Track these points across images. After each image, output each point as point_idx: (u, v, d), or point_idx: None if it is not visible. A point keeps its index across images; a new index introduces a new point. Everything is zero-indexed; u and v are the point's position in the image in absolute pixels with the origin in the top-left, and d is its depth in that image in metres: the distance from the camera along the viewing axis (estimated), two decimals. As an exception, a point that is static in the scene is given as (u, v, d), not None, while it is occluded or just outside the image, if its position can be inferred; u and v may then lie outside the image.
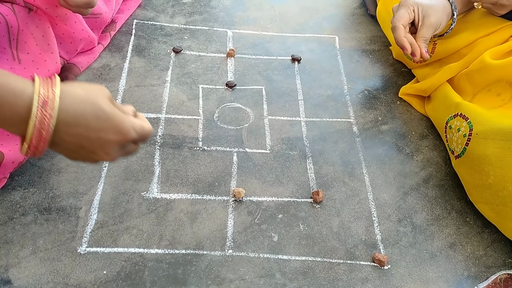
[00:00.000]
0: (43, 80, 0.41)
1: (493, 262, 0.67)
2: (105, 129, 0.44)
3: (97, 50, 0.87)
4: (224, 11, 1.05)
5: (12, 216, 0.63)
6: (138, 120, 0.48)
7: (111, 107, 0.44)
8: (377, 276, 0.63)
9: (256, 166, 0.75)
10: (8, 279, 0.57)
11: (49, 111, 0.40)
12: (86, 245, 0.61)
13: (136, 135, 0.47)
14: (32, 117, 0.39)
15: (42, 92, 0.40)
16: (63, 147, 0.44)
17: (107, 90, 0.46)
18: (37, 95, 0.40)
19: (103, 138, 0.44)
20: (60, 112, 0.41)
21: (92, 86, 0.45)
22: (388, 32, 0.97)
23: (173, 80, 0.87)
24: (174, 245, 0.63)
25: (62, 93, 0.41)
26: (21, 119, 0.40)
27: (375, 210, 0.71)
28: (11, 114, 0.40)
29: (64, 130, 0.42)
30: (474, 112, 0.71)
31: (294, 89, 0.89)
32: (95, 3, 0.67)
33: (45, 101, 0.40)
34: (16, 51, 0.66)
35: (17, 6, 0.65)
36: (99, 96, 0.44)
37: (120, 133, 0.45)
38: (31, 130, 0.40)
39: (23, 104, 0.39)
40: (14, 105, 0.39)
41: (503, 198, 0.64)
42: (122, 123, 0.45)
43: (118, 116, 0.45)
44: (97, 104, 0.43)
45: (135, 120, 0.47)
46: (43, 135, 0.41)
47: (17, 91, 0.39)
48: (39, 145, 0.41)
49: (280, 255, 0.64)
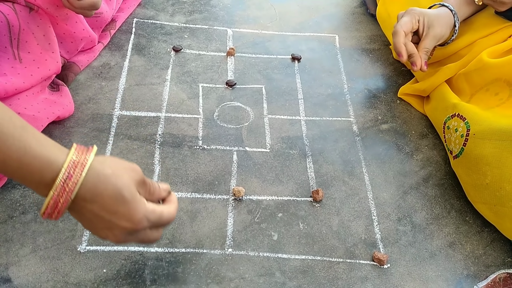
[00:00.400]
0: (77, 152, 0.43)
1: (492, 261, 0.67)
2: (118, 214, 0.44)
3: (97, 49, 0.87)
4: (224, 10, 1.05)
5: (12, 214, 0.63)
6: (158, 209, 0.48)
7: (131, 193, 0.44)
8: (377, 275, 0.64)
9: (256, 165, 0.75)
10: (8, 278, 0.57)
11: (71, 186, 0.41)
12: (86, 243, 0.62)
13: (148, 224, 0.47)
14: (53, 188, 0.41)
15: (71, 166, 0.41)
16: (77, 215, 0.45)
17: (139, 172, 0.46)
18: (65, 169, 0.41)
19: (114, 221, 0.45)
20: (81, 187, 0.42)
21: (124, 166, 0.45)
22: (387, 32, 0.98)
23: (173, 79, 0.87)
24: (174, 243, 0.63)
25: (90, 170, 0.42)
26: (45, 185, 0.42)
27: (374, 209, 0.71)
28: (38, 179, 0.41)
29: (80, 204, 0.43)
30: (471, 113, 0.71)
31: (294, 88, 0.89)
32: (99, 6, 0.68)
33: (70, 175, 0.41)
34: (17, 50, 0.66)
35: (18, 5, 0.65)
36: (125, 179, 0.44)
37: (130, 221, 0.45)
38: (49, 200, 0.41)
39: (49, 174, 0.41)
40: (42, 172, 0.41)
41: (500, 198, 0.64)
42: (135, 211, 0.45)
43: (135, 204, 0.45)
44: (119, 187, 0.43)
45: (154, 209, 0.47)
46: (59, 206, 0.42)
47: (48, 161, 0.41)
48: (53, 214, 0.43)
49: (279, 254, 0.64)
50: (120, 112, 0.79)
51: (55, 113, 0.71)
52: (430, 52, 0.80)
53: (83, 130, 0.75)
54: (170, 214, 0.49)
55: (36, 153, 0.40)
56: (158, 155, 0.74)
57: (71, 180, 0.41)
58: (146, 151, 0.74)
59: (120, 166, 0.45)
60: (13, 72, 0.65)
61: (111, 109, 0.79)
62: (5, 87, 0.62)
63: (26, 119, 0.65)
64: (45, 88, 0.73)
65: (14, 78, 0.64)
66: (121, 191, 0.44)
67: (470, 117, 0.71)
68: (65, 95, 0.76)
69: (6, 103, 0.64)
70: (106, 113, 0.78)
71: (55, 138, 0.73)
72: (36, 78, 0.68)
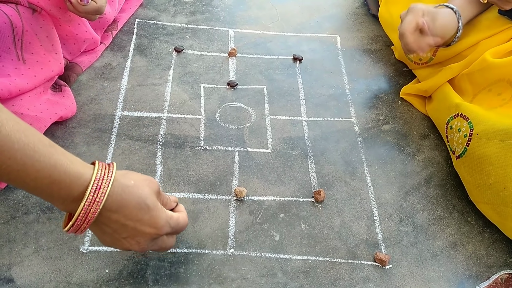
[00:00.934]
0: (101, 167, 0.46)
1: (494, 261, 0.67)
2: (143, 221, 0.48)
3: (99, 50, 0.87)
4: (226, 10, 1.05)
5: (14, 215, 0.63)
6: (175, 215, 0.53)
7: (153, 202, 0.49)
8: (379, 275, 0.64)
9: (258, 165, 0.75)
10: (11, 278, 0.57)
11: (100, 197, 0.45)
12: (88, 244, 0.62)
13: (170, 229, 0.51)
14: (84, 199, 0.44)
15: (98, 178, 0.45)
16: (99, 228, 0.48)
17: (157, 184, 0.51)
18: (93, 181, 0.44)
19: (138, 228, 0.48)
20: (107, 198, 0.45)
21: (143, 178, 0.50)
22: (390, 33, 0.97)
23: (174, 80, 0.87)
24: (176, 244, 0.63)
25: (114, 182, 0.46)
26: (73, 199, 0.45)
27: (376, 210, 0.71)
28: (66, 194, 0.44)
29: (105, 215, 0.46)
30: (474, 112, 0.71)
31: (295, 89, 0.89)
32: (103, 10, 0.68)
33: (98, 186, 0.45)
34: (21, 51, 0.66)
35: (22, 7, 0.65)
36: (146, 190, 0.49)
37: (154, 227, 0.49)
38: (79, 212, 0.44)
39: (78, 187, 0.44)
40: (71, 187, 0.44)
41: (503, 198, 0.64)
42: (158, 218, 0.49)
43: (157, 211, 0.49)
44: (142, 197, 0.48)
45: (172, 215, 0.52)
46: (88, 217, 0.45)
47: (76, 175, 0.44)
48: (82, 225, 0.46)
49: (281, 254, 0.64)
50: (122, 113, 0.79)
51: (57, 114, 0.71)
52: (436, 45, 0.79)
53: (85, 130, 0.75)
54: (185, 220, 0.54)
55: (66, 169, 0.43)
56: (160, 155, 0.74)
57: (100, 191, 0.44)
58: (148, 151, 0.74)
59: (140, 178, 0.49)
60: (16, 73, 0.65)
61: (113, 109, 0.79)
62: (9, 88, 0.63)
63: (29, 119, 0.65)
64: (48, 89, 0.73)
65: (18, 79, 0.65)
66: (145, 200, 0.48)
67: (473, 117, 0.71)
68: (67, 96, 0.76)
69: (9, 104, 0.64)
70: (108, 114, 0.79)
71: (58, 139, 0.73)
72: (39, 79, 0.68)
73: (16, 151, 0.40)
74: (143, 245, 0.50)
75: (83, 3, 0.65)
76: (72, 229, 0.46)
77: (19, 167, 0.41)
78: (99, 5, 0.67)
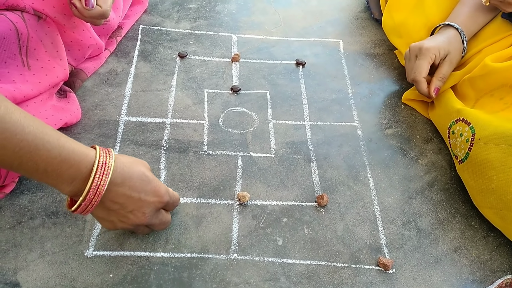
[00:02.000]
0: (101, 149, 0.52)
1: (498, 266, 0.67)
2: (146, 191, 0.54)
3: (104, 56, 0.88)
4: (229, 16, 1.06)
5: (20, 219, 0.64)
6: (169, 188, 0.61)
7: (151, 175, 0.56)
8: (382, 280, 0.64)
9: (261, 170, 0.75)
10: (17, 282, 0.58)
11: (107, 170, 0.50)
12: (93, 248, 0.62)
13: (169, 199, 0.59)
14: (93, 174, 0.49)
15: (102, 155, 0.50)
16: (106, 208, 0.53)
17: (147, 164, 0.58)
18: (98, 157, 0.50)
19: (143, 198, 0.54)
20: (112, 173, 0.50)
21: (136, 159, 0.57)
22: (393, 39, 0.97)
23: (178, 85, 0.88)
24: (180, 248, 0.64)
25: (115, 158, 0.52)
26: (82, 177, 0.49)
27: (379, 214, 0.71)
28: (75, 172, 0.48)
29: (112, 189, 0.51)
30: (476, 117, 0.71)
31: (298, 93, 0.90)
32: (108, 15, 0.69)
33: (104, 162, 0.50)
34: (26, 57, 0.67)
35: (27, 14, 0.66)
36: (142, 165, 0.56)
37: (157, 195, 0.56)
38: (89, 185, 0.49)
39: (86, 164, 0.49)
40: (80, 164, 0.48)
41: (506, 202, 0.64)
42: (159, 187, 0.56)
43: (156, 182, 0.56)
44: (141, 170, 0.55)
45: (167, 187, 0.59)
46: (99, 190, 0.50)
47: (83, 153, 0.49)
48: (93, 200, 0.50)
49: (284, 259, 0.64)
50: (126, 118, 0.80)
51: (62, 120, 0.72)
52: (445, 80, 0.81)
53: (90, 136, 0.76)
54: (176, 194, 0.63)
55: (74, 148, 0.48)
56: (164, 160, 0.75)
57: (106, 166, 0.50)
58: (152, 156, 0.75)
59: (133, 158, 0.56)
60: (21, 79, 0.66)
61: (117, 115, 0.80)
62: (14, 94, 0.64)
63: (34, 125, 0.66)
64: (53, 95, 0.74)
65: (23, 85, 0.66)
66: (145, 173, 0.55)
67: (474, 122, 0.71)
68: (72, 102, 0.77)
69: (15, 110, 0.65)
70: (112, 119, 0.79)
71: (63, 144, 0.74)
72: (44, 85, 0.69)
73: (28, 134, 0.44)
74: (148, 215, 0.56)
75: (88, 7, 0.66)
76: (80, 208, 0.50)
77: (31, 149, 0.45)
78: (104, 10, 0.67)
